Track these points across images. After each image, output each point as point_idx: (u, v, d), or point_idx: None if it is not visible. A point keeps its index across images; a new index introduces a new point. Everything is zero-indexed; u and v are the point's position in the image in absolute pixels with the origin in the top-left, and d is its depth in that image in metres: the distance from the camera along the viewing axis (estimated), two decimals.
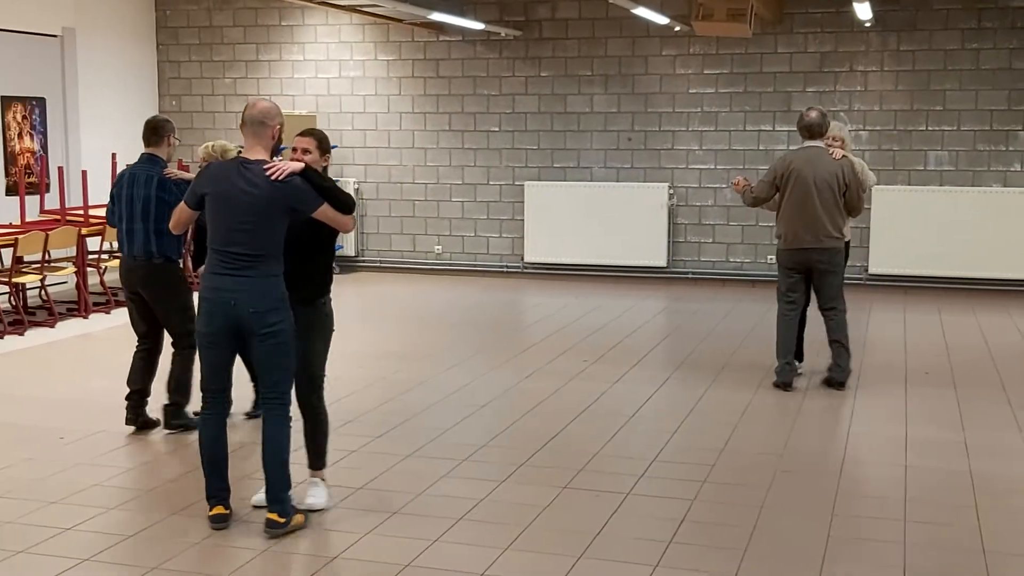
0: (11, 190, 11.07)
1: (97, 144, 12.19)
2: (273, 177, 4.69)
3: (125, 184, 6.35)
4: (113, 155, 11.24)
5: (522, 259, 12.51)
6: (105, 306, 10.25)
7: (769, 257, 11.74)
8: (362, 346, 8.77)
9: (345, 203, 4.89)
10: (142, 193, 6.26)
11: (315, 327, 5.03)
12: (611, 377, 7.67)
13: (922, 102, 11.28)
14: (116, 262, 10.74)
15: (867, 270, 11.41)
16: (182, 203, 4.98)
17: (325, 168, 5.06)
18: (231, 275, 4.71)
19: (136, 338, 6.48)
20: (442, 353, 8.52)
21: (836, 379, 7.35)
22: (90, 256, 10.35)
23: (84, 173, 10.65)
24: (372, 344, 8.92)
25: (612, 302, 10.87)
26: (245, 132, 4.85)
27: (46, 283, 9.83)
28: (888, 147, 11.41)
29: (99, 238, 10.37)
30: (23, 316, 9.55)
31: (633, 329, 9.49)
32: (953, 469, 5.71)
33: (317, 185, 4.81)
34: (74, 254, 10.10)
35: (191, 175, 6.14)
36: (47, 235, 9.52)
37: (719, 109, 11.83)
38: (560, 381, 7.56)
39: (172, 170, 6.37)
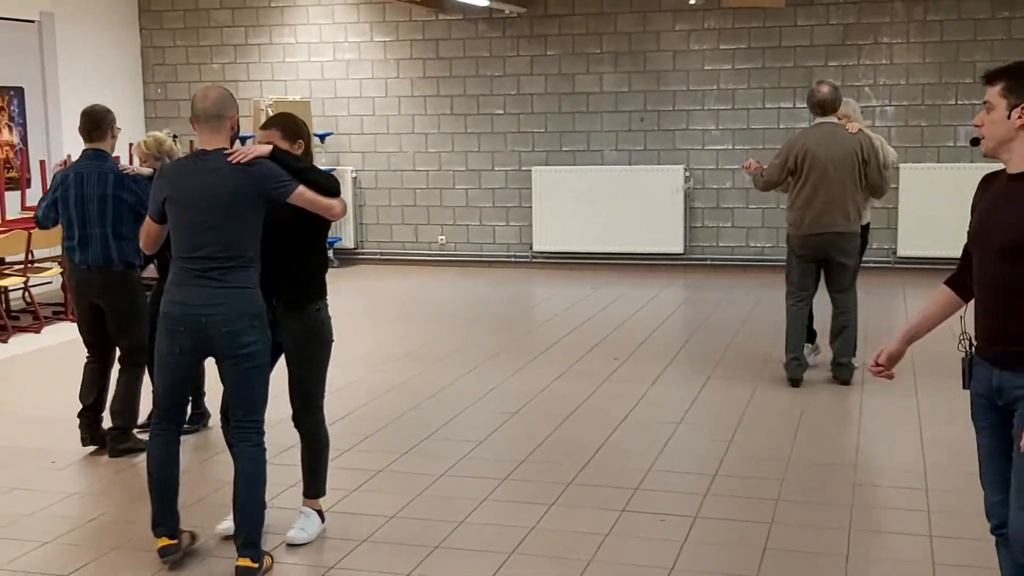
0: None
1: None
2: (235, 161, 4.05)
3: (72, 185, 5.64)
4: None
5: (531, 248, 11.91)
6: None
7: None
8: (371, 348, 8.16)
9: (326, 183, 4.20)
10: (96, 193, 5.60)
11: (309, 338, 4.38)
12: (647, 378, 7.09)
13: (951, 75, 10.72)
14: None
15: (895, 252, 10.84)
16: (147, 218, 4.35)
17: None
18: (200, 286, 4.06)
19: (85, 351, 5.90)
20: (459, 354, 7.92)
21: (841, 377, 6.84)
22: None
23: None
24: (381, 345, 8.31)
25: (630, 292, 10.29)
26: (200, 128, 4.18)
27: (29, 285, 9.19)
28: (915, 123, 10.85)
29: None
30: (6, 321, 8.92)
31: (658, 323, 8.92)
32: None
33: (288, 166, 4.14)
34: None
35: (150, 170, 5.57)
36: (29, 234, 8.86)
37: (736, 86, 11.24)
38: (593, 383, 6.98)
39: (128, 165, 5.75)
